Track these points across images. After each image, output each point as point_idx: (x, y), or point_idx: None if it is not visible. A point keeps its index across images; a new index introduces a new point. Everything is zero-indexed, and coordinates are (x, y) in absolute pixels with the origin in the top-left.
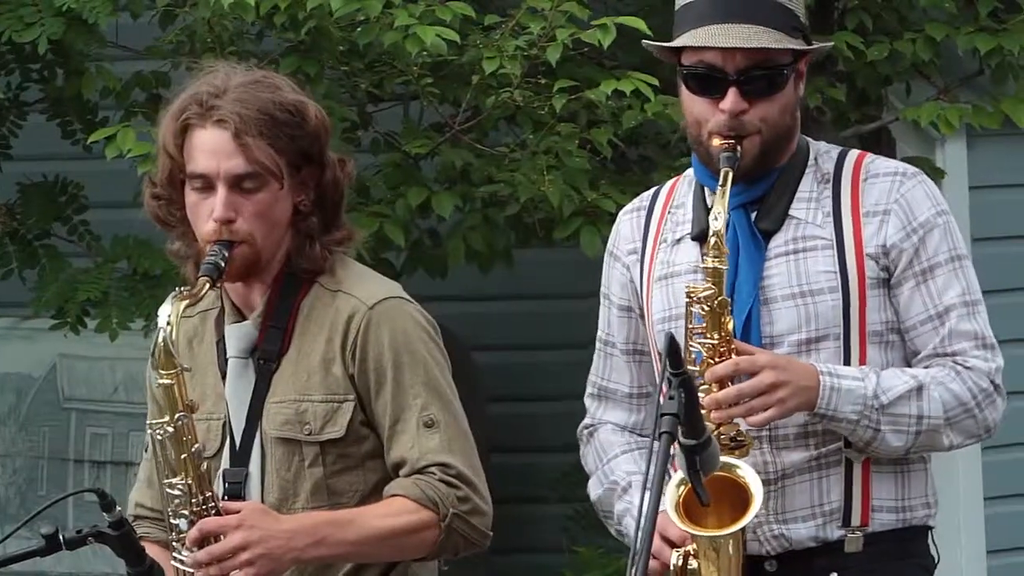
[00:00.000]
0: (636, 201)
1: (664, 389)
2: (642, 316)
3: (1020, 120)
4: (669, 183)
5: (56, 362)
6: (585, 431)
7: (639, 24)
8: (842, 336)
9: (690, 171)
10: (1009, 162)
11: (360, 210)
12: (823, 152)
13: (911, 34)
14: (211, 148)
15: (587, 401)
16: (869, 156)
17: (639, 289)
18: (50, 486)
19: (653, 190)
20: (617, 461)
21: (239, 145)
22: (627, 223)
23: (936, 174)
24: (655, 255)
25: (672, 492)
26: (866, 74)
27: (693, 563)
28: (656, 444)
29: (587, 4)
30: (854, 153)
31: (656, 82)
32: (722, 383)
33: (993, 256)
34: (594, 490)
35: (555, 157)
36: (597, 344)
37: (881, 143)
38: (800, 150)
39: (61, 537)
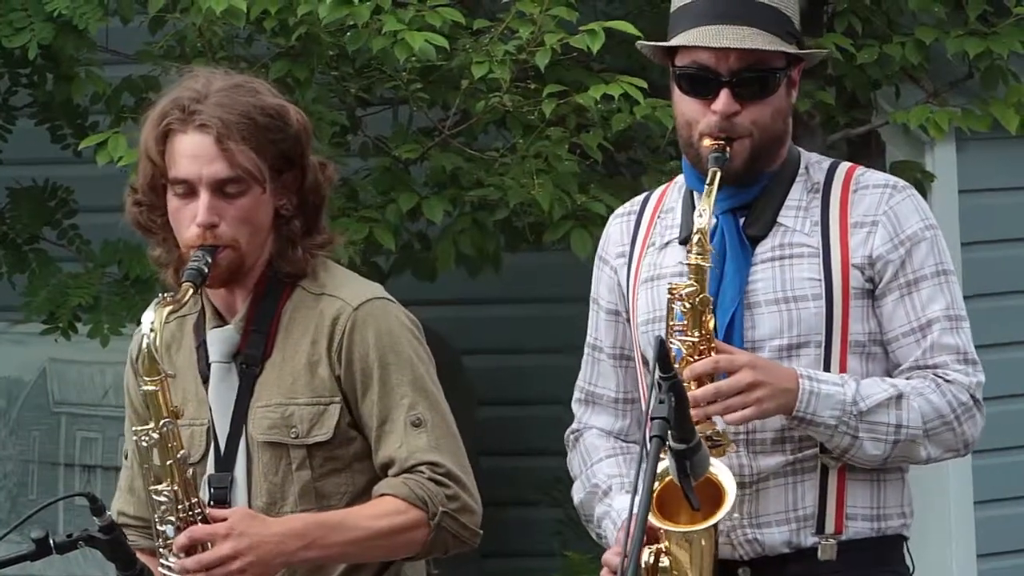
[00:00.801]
0: (627, 205)
1: (653, 392)
2: (629, 320)
3: (1009, 124)
4: (660, 189)
5: (46, 366)
6: (571, 436)
7: (628, 28)
8: (823, 344)
9: (681, 177)
10: (998, 166)
11: (350, 215)
12: (814, 162)
13: (900, 37)
14: (193, 153)
15: (574, 406)
16: (860, 168)
17: (626, 292)
18: (40, 490)
19: (644, 195)
20: (600, 465)
21: (221, 150)
22: (616, 227)
23: (925, 178)
24: (642, 258)
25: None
26: (855, 77)
27: (665, 560)
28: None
29: (576, 8)
30: (845, 165)
31: (645, 85)
32: (700, 381)
33: (982, 260)
34: (577, 494)
35: (544, 161)
36: (586, 349)
37: (870, 147)
38: (791, 159)
39: (51, 541)
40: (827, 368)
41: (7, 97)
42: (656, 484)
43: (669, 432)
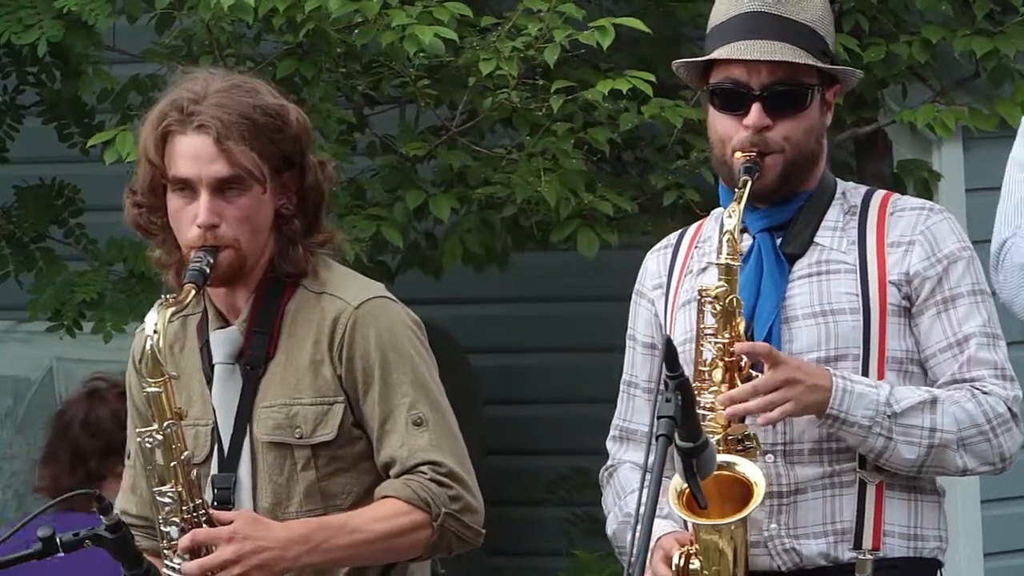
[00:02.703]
0: (663, 241)
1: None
2: None
3: (1016, 123)
4: (696, 223)
5: (53, 365)
6: (605, 473)
7: (637, 24)
8: (861, 357)
9: (718, 210)
10: (1005, 165)
11: (357, 212)
12: (851, 188)
13: (907, 36)
14: (193, 154)
15: (609, 444)
16: (896, 195)
17: (663, 320)
18: None
19: (680, 231)
20: (634, 495)
21: (221, 150)
22: (654, 260)
23: (932, 177)
24: (680, 284)
25: (677, 483)
26: (862, 76)
27: (695, 563)
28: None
29: (583, 6)
30: (881, 192)
31: (653, 79)
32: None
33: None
34: (610, 526)
35: (552, 159)
36: (621, 387)
37: (877, 146)
38: (827, 184)
39: (58, 540)
40: None
41: (14, 96)
42: (684, 486)
43: (675, 431)
